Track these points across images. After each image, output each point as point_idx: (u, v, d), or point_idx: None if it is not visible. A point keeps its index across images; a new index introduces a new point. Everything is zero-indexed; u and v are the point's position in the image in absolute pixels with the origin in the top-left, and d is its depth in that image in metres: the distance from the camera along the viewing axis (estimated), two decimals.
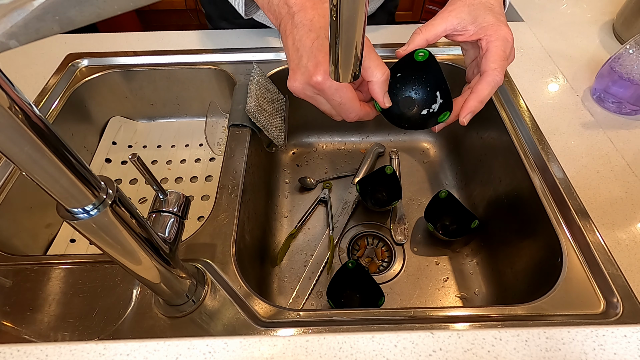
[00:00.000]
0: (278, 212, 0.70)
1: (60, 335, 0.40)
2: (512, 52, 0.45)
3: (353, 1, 0.25)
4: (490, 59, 0.43)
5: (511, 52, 0.45)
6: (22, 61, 0.70)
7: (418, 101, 0.45)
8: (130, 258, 0.31)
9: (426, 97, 0.45)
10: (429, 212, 0.65)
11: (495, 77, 0.42)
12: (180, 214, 0.37)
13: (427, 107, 0.45)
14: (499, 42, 0.43)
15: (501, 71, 0.43)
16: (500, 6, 0.47)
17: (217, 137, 0.68)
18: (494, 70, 0.42)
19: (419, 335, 0.35)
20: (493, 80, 0.42)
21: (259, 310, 0.41)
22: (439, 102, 0.44)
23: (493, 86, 0.43)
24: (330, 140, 0.81)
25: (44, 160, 0.21)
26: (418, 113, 0.45)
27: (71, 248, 0.58)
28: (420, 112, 0.45)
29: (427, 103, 0.45)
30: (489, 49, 0.44)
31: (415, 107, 0.45)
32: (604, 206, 0.48)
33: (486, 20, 0.44)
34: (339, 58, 0.30)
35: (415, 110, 0.45)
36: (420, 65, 0.43)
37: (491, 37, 0.44)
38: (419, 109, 0.45)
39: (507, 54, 0.44)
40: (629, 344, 0.35)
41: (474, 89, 0.43)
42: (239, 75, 0.67)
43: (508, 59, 0.44)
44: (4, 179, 0.53)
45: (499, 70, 0.42)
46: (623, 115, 0.59)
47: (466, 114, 0.43)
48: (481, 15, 0.44)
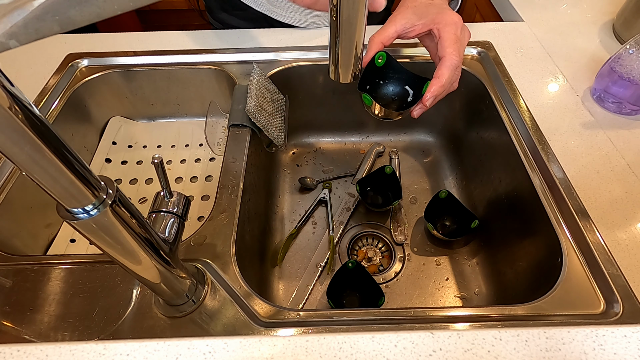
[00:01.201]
0: (278, 212, 0.70)
1: (60, 335, 0.40)
2: (466, 32, 0.49)
3: (353, 1, 0.25)
4: (444, 44, 0.47)
5: (463, 32, 0.48)
6: (22, 61, 0.70)
7: (395, 97, 0.51)
8: (130, 258, 0.31)
9: (399, 91, 0.50)
10: (429, 212, 0.65)
11: (453, 60, 0.46)
12: (180, 214, 0.37)
13: (404, 99, 0.50)
14: (448, 27, 0.47)
15: (457, 53, 0.46)
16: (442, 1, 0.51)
17: (217, 137, 0.68)
18: (450, 54, 0.46)
19: (419, 335, 0.35)
20: (451, 63, 0.46)
21: (259, 310, 0.41)
22: (410, 93, 0.49)
23: (452, 69, 0.46)
24: (330, 140, 0.81)
25: (44, 160, 0.21)
26: (400, 106, 0.50)
27: (71, 248, 0.58)
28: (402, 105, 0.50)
29: (403, 97, 0.50)
30: (441, 35, 0.48)
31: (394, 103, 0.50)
32: (604, 206, 0.48)
33: (430, 13, 0.49)
34: (339, 58, 0.30)
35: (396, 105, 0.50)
36: (382, 69, 0.49)
37: (439, 24, 0.48)
38: (399, 103, 0.50)
39: (459, 35, 0.47)
40: (629, 344, 0.35)
41: (435, 74, 0.46)
42: (239, 75, 0.67)
43: (462, 40, 0.48)
44: (4, 179, 0.53)
45: (454, 52, 0.46)
46: (623, 115, 0.59)
47: (429, 98, 0.46)
48: (424, 11, 0.49)
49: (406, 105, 0.50)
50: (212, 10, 0.84)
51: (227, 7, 0.81)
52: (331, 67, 0.31)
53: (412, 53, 0.69)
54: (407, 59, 0.69)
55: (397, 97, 0.51)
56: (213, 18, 0.85)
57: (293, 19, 0.76)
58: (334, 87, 0.73)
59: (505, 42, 0.72)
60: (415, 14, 0.50)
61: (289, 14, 0.75)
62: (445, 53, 0.46)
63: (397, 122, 0.80)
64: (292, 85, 0.71)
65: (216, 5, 0.82)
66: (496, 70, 0.66)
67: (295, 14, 0.75)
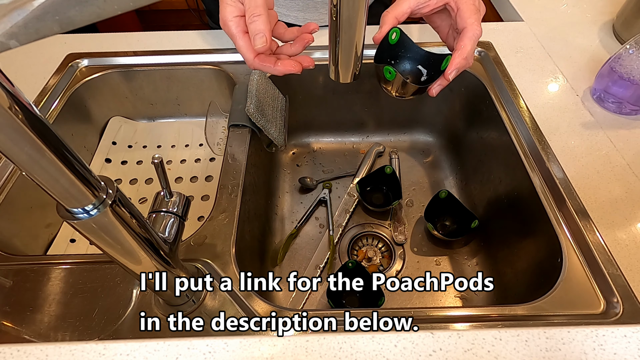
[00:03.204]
0: (278, 212, 0.70)
1: (60, 335, 0.40)
2: (482, 4, 0.47)
3: (353, 1, 0.25)
4: (464, 15, 0.45)
5: (480, 3, 0.47)
6: (22, 61, 0.70)
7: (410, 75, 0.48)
8: (130, 258, 0.31)
9: (413, 70, 0.48)
10: (429, 212, 0.65)
11: (475, 30, 0.44)
12: (180, 214, 0.37)
13: (418, 79, 0.48)
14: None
15: (478, 24, 0.45)
16: None
17: (217, 137, 0.68)
18: (471, 25, 0.44)
19: (419, 335, 0.35)
20: (473, 34, 0.44)
21: (259, 310, 0.41)
22: (424, 72, 0.47)
23: (474, 40, 0.45)
24: (330, 140, 0.81)
25: (44, 160, 0.21)
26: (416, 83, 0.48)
27: (71, 248, 0.58)
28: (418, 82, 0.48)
29: (417, 76, 0.48)
30: (459, 7, 0.46)
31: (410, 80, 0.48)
32: (604, 206, 0.48)
33: None
34: (339, 58, 0.30)
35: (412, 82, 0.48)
36: (395, 46, 0.47)
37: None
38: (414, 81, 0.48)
39: (477, 6, 0.46)
40: (629, 344, 0.35)
41: (457, 47, 0.45)
42: (239, 75, 0.67)
43: (479, 11, 0.46)
44: (4, 179, 0.53)
45: (476, 23, 0.44)
46: (623, 115, 0.59)
47: (452, 71, 0.45)
48: None
49: (419, 84, 0.47)
50: (212, 14, 0.84)
51: None
52: (331, 67, 0.31)
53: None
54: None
55: (411, 76, 0.49)
56: (213, 22, 0.85)
57: (297, 17, 0.75)
58: (334, 87, 0.73)
59: (505, 42, 0.72)
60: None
61: (293, 12, 0.75)
62: (466, 24, 0.45)
63: (397, 121, 0.80)
64: (292, 85, 0.71)
65: (216, 9, 0.82)
66: (496, 70, 0.66)
67: (300, 12, 0.74)
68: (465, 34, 0.45)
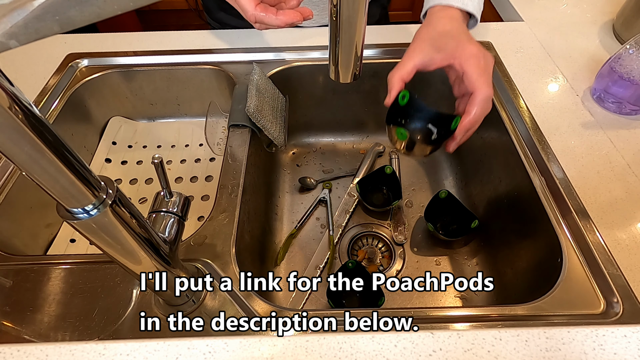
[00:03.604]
0: (278, 212, 0.70)
1: (60, 335, 0.40)
2: (489, 60, 0.47)
3: (353, 1, 0.25)
4: (471, 78, 0.45)
5: (486, 61, 0.47)
6: (22, 61, 0.70)
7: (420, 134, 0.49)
8: (130, 258, 0.31)
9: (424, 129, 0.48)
10: (429, 212, 0.65)
11: (484, 93, 0.44)
12: (180, 214, 0.37)
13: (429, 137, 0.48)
14: (470, 60, 0.46)
15: (487, 84, 0.45)
16: (459, 27, 0.50)
17: (217, 137, 0.68)
18: (479, 89, 0.44)
19: (419, 335, 0.35)
20: (482, 98, 0.44)
21: (259, 310, 0.41)
22: (434, 131, 0.48)
23: (484, 102, 0.45)
24: (330, 140, 0.81)
25: (44, 160, 0.21)
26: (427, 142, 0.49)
27: (71, 248, 0.58)
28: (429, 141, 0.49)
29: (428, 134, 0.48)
30: (464, 70, 0.46)
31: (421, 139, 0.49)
32: (604, 206, 0.48)
33: (449, 45, 0.47)
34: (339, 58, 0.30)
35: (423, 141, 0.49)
36: (405, 108, 0.48)
37: (461, 58, 0.46)
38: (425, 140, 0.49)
39: (483, 65, 0.46)
40: (629, 344, 0.35)
41: (467, 110, 0.45)
42: (239, 75, 0.67)
43: (487, 70, 0.46)
44: (4, 179, 0.53)
45: (484, 84, 0.44)
46: (623, 115, 0.59)
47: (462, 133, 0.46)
48: (442, 44, 0.48)
49: (430, 143, 0.49)
50: (210, 10, 0.84)
51: (225, 7, 0.80)
52: (331, 67, 0.31)
53: None
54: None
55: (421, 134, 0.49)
56: (211, 18, 0.85)
57: None
58: (334, 87, 0.73)
59: (505, 42, 0.72)
60: (433, 47, 0.48)
61: None
62: (474, 87, 0.45)
63: None
64: (292, 85, 0.71)
65: (214, 5, 0.82)
66: (496, 70, 0.66)
67: None
68: (474, 98, 0.45)
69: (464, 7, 0.51)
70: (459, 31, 0.49)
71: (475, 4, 0.53)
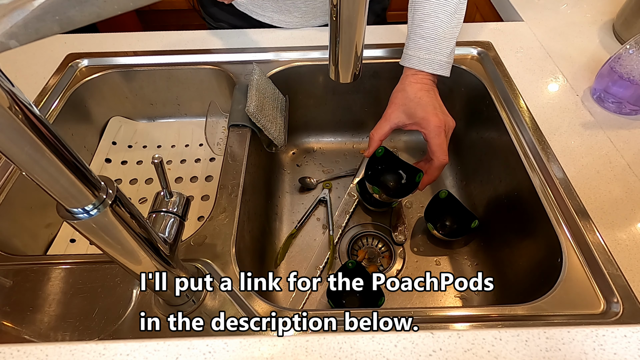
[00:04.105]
0: (278, 212, 0.70)
1: (60, 335, 0.40)
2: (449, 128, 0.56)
3: (353, 1, 0.25)
4: (432, 148, 0.55)
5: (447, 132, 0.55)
6: (22, 61, 0.70)
7: (392, 179, 0.64)
8: (130, 258, 0.31)
9: (395, 175, 0.64)
10: (429, 212, 0.65)
11: (441, 162, 0.54)
12: (180, 214, 0.37)
13: (399, 181, 0.64)
14: (432, 133, 0.54)
15: (444, 154, 0.54)
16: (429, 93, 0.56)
17: (217, 137, 0.68)
18: (437, 157, 0.54)
19: (419, 335, 0.35)
20: (439, 165, 0.55)
21: (259, 310, 0.41)
22: (404, 177, 0.63)
23: (440, 168, 0.55)
24: (330, 140, 0.81)
25: (44, 160, 0.21)
26: (396, 187, 0.64)
27: (71, 248, 0.58)
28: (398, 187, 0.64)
29: (398, 179, 0.64)
30: (428, 140, 0.55)
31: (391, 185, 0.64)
32: (604, 206, 0.48)
33: (417, 115, 0.55)
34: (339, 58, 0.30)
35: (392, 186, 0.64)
36: (381, 159, 0.62)
37: (425, 129, 0.55)
38: (395, 185, 0.64)
39: (443, 137, 0.54)
40: (629, 344, 0.35)
41: (427, 171, 0.57)
42: (239, 75, 0.67)
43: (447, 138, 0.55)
44: (4, 179, 0.53)
45: (442, 155, 0.54)
46: (623, 115, 0.59)
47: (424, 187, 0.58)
48: (412, 113, 0.56)
49: (400, 185, 0.63)
50: (204, 5, 0.84)
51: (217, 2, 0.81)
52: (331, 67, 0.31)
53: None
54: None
55: (393, 179, 0.64)
56: (205, 13, 0.85)
57: (272, 18, 0.76)
58: (334, 87, 0.73)
59: (505, 42, 0.72)
60: (405, 114, 0.57)
61: (267, 13, 0.75)
62: (433, 156, 0.55)
63: None
64: (292, 85, 0.71)
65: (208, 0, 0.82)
66: (496, 70, 0.66)
67: (274, 13, 0.75)
68: (432, 165, 0.55)
69: (434, 72, 0.57)
70: (427, 100, 0.56)
71: (444, 67, 0.58)
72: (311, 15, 0.75)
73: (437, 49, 0.57)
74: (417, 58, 0.57)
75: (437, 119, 0.54)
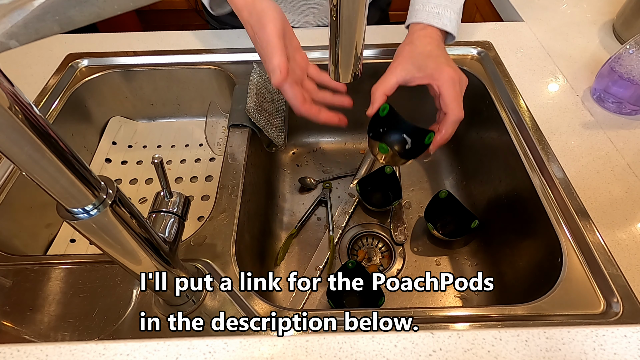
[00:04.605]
0: (278, 212, 0.70)
1: (60, 335, 0.40)
2: (463, 82, 0.51)
3: (353, 1, 0.25)
4: (446, 101, 0.49)
5: (461, 85, 0.51)
6: (22, 61, 0.70)
7: (397, 144, 0.55)
8: (130, 258, 0.31)
9: (400, 139, 0.55)
10: (429, 212, 0.65)
11: (456, 116, 0.48)
12: (180, 214, 0.37)
13: (404, 146, 0.54)
14: (447, 83, 0.49)
15: (459, 108, 0.49)
16: (438, 48, 0.53)
17: (217, 137, 0.68)
18: (452, 111, 0.48)
19: (419, 335, 0.35)
20: (453, 120, 0.49)
21: (259, 310, 0.41)
22: (409, 141, 0.54)
23: (455, 124, 0.49)
24: (330, 140, 0.81)
25: (44, 160, 0.21)
26: (402, 151, 0.54)
27: (71, 248, 0.58)
28: (404, 150, 0.54)
29: (403, 144, 0.54)
30: (441, 92, 0.49)
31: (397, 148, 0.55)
32: (604, 206, 0.48)
33: (428, 67, 0.50)
34: (339, 58, 0.30)
35: (399, 150, 0.55)
36: (384, 119, 0.53)
37: (438, 81, 0.49)
38: (401, 149, 0.55)
39: (458, 90, 0.49)
40: (629, 344, 0.35)
41: (440, 129, 0.49)
42: (239, 75, 0.67)
43: (461, 93, 0.50)
44: (4, 179, 0.53)
45: (457, 109, 0.48)
46: (623, 115, 0.59)
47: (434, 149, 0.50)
48: (423, 64, 0.51)
49: (404, 152, 0.54)
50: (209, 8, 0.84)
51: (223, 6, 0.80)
52: (331, 67, 0.31)
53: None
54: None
55: (397, 143, 0.55)
56: (210, 17, 0.85)
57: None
58: None
59: (505, 42, 0.72)
60: (414, 66, 0.51)
61: None
62: (448, 110, 0.49)
63: None
64: None
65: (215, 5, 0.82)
66: (496, 70, 0.66)
67: (287, 13, 0.75)
68: (447, 119, 0.49)
69: (443, 27, 0.54)
70: (438, 53, 0.52)
71: (454, 24, 0.55)
72: (324, 14, 0.74)
73: (446, 2, 0.54)
74: (426, 12, 0.54)
75: (452, 69, 0.50)
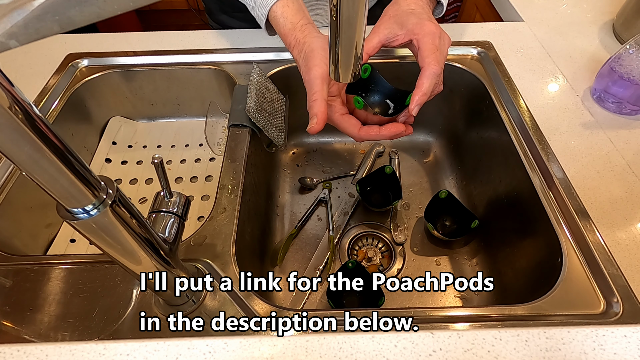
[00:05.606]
0: (278, 212, 0.70)
1: (60, 335, 0.40)
2: (445, 40, 0.49)
3: (353, 1, 0.25)
4: (423, 54, 0.47)
5: (442, 41, 0.49)
6: (22, 61, 0.70)
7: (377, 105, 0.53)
8: (130, 258, 0.31)
9: (381, 104, 0.52)
10: (429, 212, 0.65)
11: (432, 69, 0.46)
12: (180, 214, 0.37)
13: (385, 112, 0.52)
14: (426, 37, 0.48)
15: (436, 62, 0.46)
16: (423, 8, 0.52)
17: (217, 137, 0.68)
18: (428, 64, 0.46)
19: (419, 335, 0.35)
20: (430, 73, 0.46)
21: (259, 310, 0.41)
22: (391, 106, 0.52)
23: (432, 77, 0.46)
24: (330, 140, 0.81)
25: (44, 160, 0.21)
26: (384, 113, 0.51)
27: (71, 248, 0.58)
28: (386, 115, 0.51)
29: (385, 109, 0.52)
30: (420, 46, 0.48)
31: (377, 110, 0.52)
32: (604, 206, 0.48)
33: (410, 22, 0.49)
34: (339, 58, 0.30)
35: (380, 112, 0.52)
36: (366, 81, 0.51)
37: (418, 35, 0.48)
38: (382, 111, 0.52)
39: (437, 44, 0.48)
40: (629, 344, 0.35)
41: (417, 84, 0.47)
42: (239, 75, 0.67)
43: (441, 49, 0.48)
44: (4, 179, 0.53)
45: (434, 62, 0.46)
46: (623, 115, 0.59)
47: (414, 106, 0.47)
48: (405, 20, 0.50)
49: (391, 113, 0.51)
50: (212, 12, 0.84)
51: (227, 9, 0.80)
52: (331, 67, 0.31)
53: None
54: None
55: (379, 107, 0.53)
56: (213, 20, 0.85)
57: None
58: None
59: (505, 42, 0.72)
60: (397, 24, 0.51)
61: None
62: (424, 63, 0.47)
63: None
64: (292, 85, 0.71)
65: (216, 7, 0.82)
66: (496, 70, 0.66)
67: None
68: (423, 73, 0.47)
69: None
70: (421, 11, 0.51)
71: None
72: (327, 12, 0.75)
73: None
74: None
75: (433, 24, 0.49)
